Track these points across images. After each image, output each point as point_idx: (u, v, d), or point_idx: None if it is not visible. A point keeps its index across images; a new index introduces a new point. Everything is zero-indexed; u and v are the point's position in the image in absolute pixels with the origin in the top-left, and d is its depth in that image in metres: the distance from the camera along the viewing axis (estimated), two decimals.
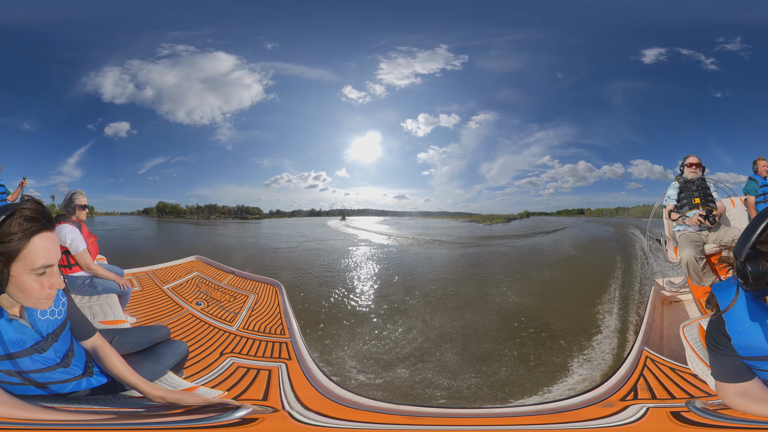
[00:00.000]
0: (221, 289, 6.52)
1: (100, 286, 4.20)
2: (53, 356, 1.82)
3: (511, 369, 6.25)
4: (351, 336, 7.77)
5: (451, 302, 9.95)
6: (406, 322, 8.57)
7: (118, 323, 3.66)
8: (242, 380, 3.49)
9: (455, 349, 7.03)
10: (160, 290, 5.99)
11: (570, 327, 7.77)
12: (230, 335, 4.61)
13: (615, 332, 7.50)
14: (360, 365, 6.48)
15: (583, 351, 6.72)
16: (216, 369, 3.68)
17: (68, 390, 1.93)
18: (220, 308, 5.53)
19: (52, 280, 1.66)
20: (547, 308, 9.29)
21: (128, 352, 2.35)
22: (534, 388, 5.62)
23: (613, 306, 8.80)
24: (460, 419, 3.14)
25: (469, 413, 3.53)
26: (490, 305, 9.73)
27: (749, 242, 1.76)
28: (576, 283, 11.78)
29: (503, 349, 6.98)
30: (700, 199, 4.99)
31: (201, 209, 22.42)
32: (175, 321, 4.91)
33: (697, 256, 4.45)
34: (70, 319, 1.96)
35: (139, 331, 2.66)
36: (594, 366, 6.17)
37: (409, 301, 10.00)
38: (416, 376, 6.14)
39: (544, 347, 6.98)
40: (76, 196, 4.21)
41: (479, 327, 8.15)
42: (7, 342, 1.68)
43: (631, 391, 3.17)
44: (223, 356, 3.98)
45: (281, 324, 5.18)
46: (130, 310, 4.78)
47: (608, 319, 8.16)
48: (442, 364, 6.53)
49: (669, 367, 3.42)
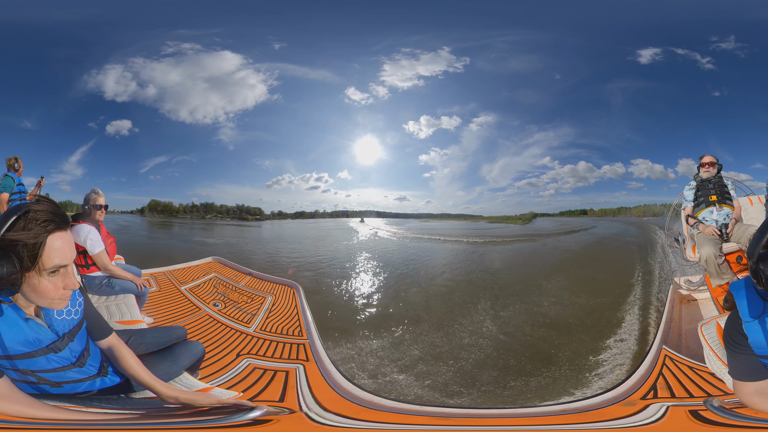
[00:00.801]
0: (239, 291, 6.50)
1: (118, 286, 4.19)
2: (69, 356, 1.81)
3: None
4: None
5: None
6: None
7: (135, 323, 3.64)
8: (258, 381, 3.46)
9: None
10: (177, 291, 5.99)
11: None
12: (247, 336, 4.57)
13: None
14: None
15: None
16: (232, 370, 3.65)
17: (82, 389, 1.92)
18: (237, 309, 5.51)
19: (66, 280, 1.66)
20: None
21: (144, 353, 2.35)
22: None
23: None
24: (482, 420, 3.16)
25: (491, 413, 3.51)
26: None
27: (761, 243, 1.83)
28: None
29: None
30: (716, 196, 5.00)
31: (196, 208, 22.22)
32: (192, 322, 4.89)
33: (716, 254, 4.43)
34: (86, 319, 1.95)
35: (156, 331, 2.65)
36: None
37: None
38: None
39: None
40: (94, 195, 4.20)
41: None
42: (23, 341, 1.67)
43: (650, 390, 3.17)
44: (240, 357, 3.95)
45: (299, 325, 5.14)
46: (147, 310, 4.78)
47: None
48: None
49: (687, 365, 3.44)
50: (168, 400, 1.96)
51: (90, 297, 3.37)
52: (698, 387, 3.11)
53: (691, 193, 5.18)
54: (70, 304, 1.83)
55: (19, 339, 1.65)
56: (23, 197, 6.28)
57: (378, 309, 9.12)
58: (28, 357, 1.69)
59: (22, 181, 6.46)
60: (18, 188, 6.29)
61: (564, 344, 6.69)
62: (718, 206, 4.93)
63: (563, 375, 5.64)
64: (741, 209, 5.06)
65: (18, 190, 6.29)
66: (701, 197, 5.08)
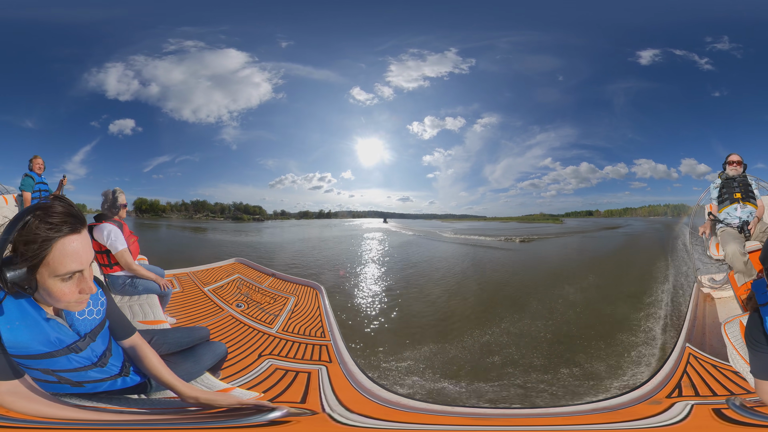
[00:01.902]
0: (262, 291, 6.51)
1: (141, 286, 4.18)
2: (90, 355, 1.78)
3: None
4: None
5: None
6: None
7: (158, 323, 3.64)
8: (280, 382, 3.47)
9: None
10: (200, 292, 6.02)
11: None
12: (269, 337, 4.56)
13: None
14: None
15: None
16: (254, 371, 3.65)
17: (103, 389, 1.90)
18: (260, 310, 5.50)
19: (82, 284, 1.61)
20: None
21: (167, 353, 2.34)
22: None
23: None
24: (509, 420, 3.20)
25: (518, 413, 3.55)
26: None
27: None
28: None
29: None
30: (741, 194, 5.07)
31: (186, 206, 21.93)
32: (215, 322, 4.90)
33: (741, 251, 4.47)
34: (109, 319, 1.93)
35: (179, 331, 2.62)
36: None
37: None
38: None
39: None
40: (116, 195, 4.19)
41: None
42: (44, 341, 1.64)
43: (675, 388, 3.20)
44: (262, 358, 3.94)
45: (321, 327, 5.10)
46: (170, 310, 4.79)
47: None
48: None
49: (711, 363, 3.45)
50: (188, 400, 1.92)
51: (113, 296, 3.37)
52: (721, 385, 3.11)
53: (716, 191, 5.28)
54: (92, 303, 1.80)
55: (40, 339, 1.62)
56: (43, 196, 6.35)
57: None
58: (49, 357, 1.66)
59: (44, 180, 6.54)
60: (38, 187, 6.37)
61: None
62: (741, 203, 5.01)
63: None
64: (765, 208, 5.15)
65: (38, 188, 6.36)
66: (725, 194, 5.15)
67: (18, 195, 6.47)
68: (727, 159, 5.29)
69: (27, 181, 6.31)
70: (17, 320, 1.58)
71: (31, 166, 6.48)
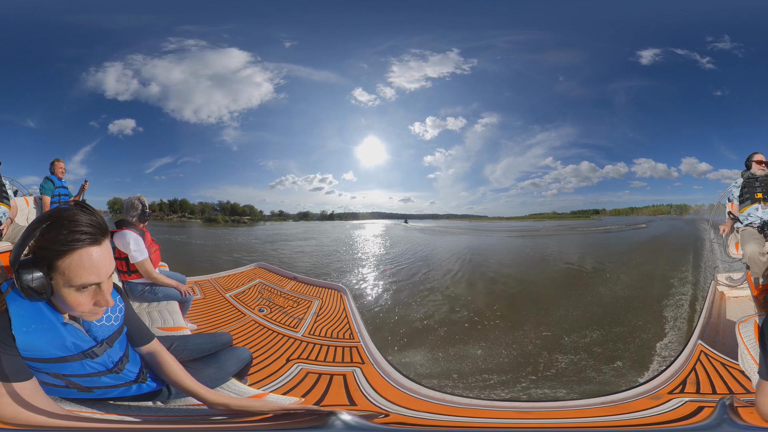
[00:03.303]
0: (284, 295, 6.45)
1: (161, 293, 4.05)
2: (106, 361, 1.73)
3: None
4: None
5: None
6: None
7: (178, 330, 3.56)
8: (317, 386, 3.44)
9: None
10: (222, 297, 5.98)
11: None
12: (295, 341, 4.48)
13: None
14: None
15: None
16: (283, 375, 3.60)
17: (114, 395, 1.84)
18: (283, 314, 5.42)
19: (98, 297, 1.54)
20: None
21: (188, 359, 2.27)
22: None
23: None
24: (536, 413, 3.19)
25: (542, 407, 3.50)
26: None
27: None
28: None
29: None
30: (762, 194, 5.00)
31: (162, 206, 21.49)
32: (238, 328, 4.83)
33: (760, 251, 4.41)
34: (127, 325, 1.88)
35: (200, 337, 2.52)
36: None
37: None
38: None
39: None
40: (138, 202, 4.05)
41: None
42: (59, 345, 1.58)
43: (680, 385, 3.22)
44: (290, 362, 3.88)
45: (349, 329, 5.02)
46: (190, 317, 4.75)
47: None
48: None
49: (721, 362, 3.46)
50: (216, 407, 1.83)
51: (132, 303, 3.26)
52: (725, 384, 3.14)
53: (737, 190, 5.20)
54: (110, 310, 1.74)
55: (55, 343, 1.57)
56: (62, 200, 6.30)
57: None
58: (62, 361, 1.60)
59: (64, 184, 6.48)
60: (58, 191, 6.31)
61: None
62: (763, 204, 4.93)
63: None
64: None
65: (57, 192, 6.30)
66: (747, 194, 5.07)
67: (38, 197, 6.41)
68: (753, 158, 5.15)
69: (47, 184, 6.26)
70: (33, 323, 1.52)
71: (53, 169, 6.43)
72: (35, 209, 6.35)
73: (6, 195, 5.05)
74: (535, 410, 3.26)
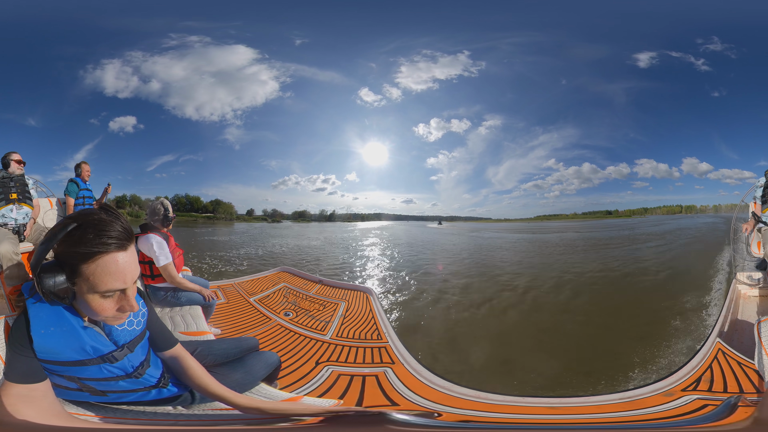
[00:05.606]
0: (310, 299, 6.40)
1: (184, 298, 3.99)
2: (126, 366, 1.68)
3: None
4: None
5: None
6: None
7: (202, 335, 3.50)
8: (351, 387, 3.36)
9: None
10: (246, 302, 5.94)
11: None
12: (323, 344, 4.41)
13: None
14: None
15: None
16: (315, 378, 3.54)
17: (130, 399, 1.80)
18: (310, 317, 5.35)
19: (122, 303, 1.51)
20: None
21: (212, 364, 2.23)
22: None
23: None
24: (562, 408, 3.14)
25: (567, 402, 3.40)
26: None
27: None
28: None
29: None
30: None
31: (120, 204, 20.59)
32: (263, 332, 4.77)
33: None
34: (149, 330, 1.84)
35: (225, 342, 2.48)
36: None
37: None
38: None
39: None
40: (162, 206, 3.99)
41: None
42: (78, 349, 1.55)
43: (695, 382, 3.22)
44: (320, 365, 3.81)
45: (376, 329, 4.95)
46: (214, 322, 4.72)
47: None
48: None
49: (737, 361, 3.45)
50: (248, 411, 1.79)
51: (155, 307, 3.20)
52: (737, 383, 3.12)
53: (760, 190, 5.30)
54: (133, 314, 1.69)
55: (73, 346, 1.53)
56: (87, 203, 6.31)
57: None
58: (80, 365, 1.57)
59: (89, 187, 6.50)
60: (82, 193, 6.33)
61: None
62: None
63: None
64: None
65: (82, 195, 6.32)
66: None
67: (62, 200, 6.44)
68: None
69: (72, 186, 6.30)
70: (52, 326, 1.50)
71: (79, 172, 6.47)
72: (57, 210, 6.37)
73: (29, 195, 5.06)
74: (560, 406, 3.22)
